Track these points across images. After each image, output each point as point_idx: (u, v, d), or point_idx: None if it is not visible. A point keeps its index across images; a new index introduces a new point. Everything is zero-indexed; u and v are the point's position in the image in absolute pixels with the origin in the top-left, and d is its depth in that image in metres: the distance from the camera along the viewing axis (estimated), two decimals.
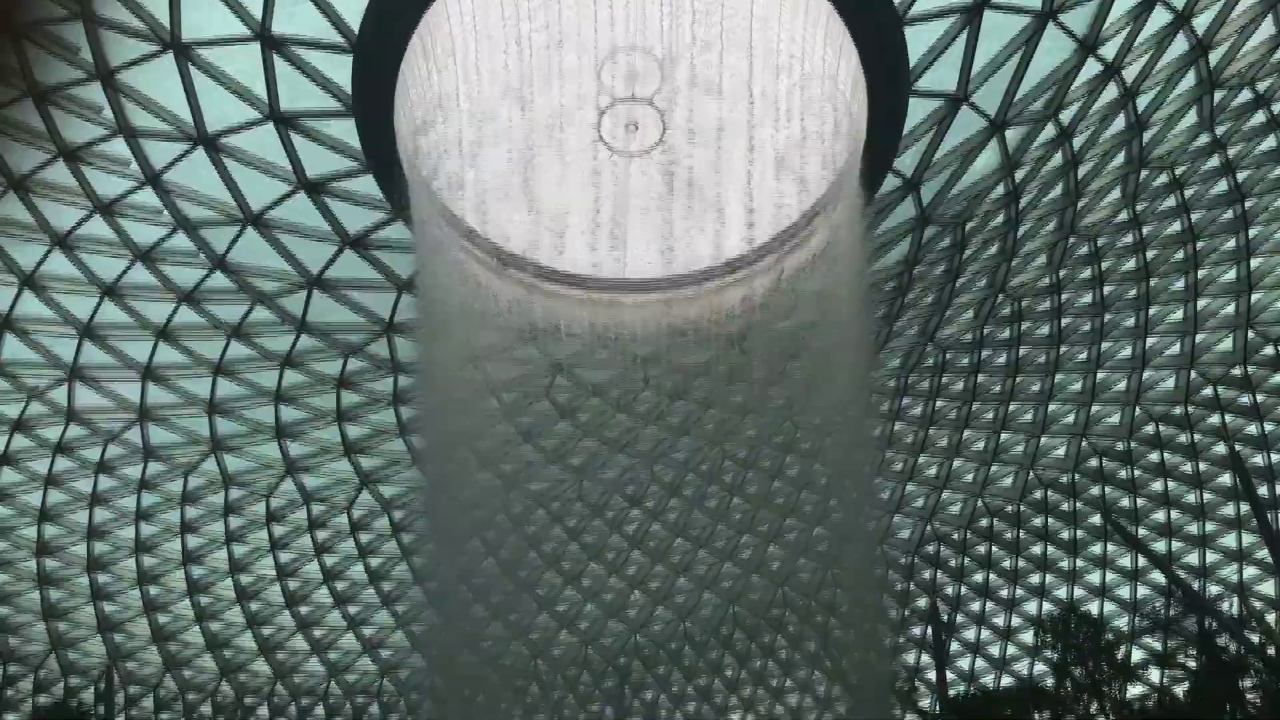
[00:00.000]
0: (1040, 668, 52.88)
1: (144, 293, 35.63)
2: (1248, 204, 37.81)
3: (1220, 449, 46.83)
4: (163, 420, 42.18)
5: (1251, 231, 39.08)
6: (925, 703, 57.84)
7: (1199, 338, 43.74)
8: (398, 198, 29.89)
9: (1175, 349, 44.41)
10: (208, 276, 35.06)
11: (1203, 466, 47.89)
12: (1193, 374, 45.16)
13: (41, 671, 54.38)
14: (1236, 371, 44.43)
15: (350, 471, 46.99)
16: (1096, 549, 52.06)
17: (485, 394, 42.33)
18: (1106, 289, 41.05)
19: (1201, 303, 42.21)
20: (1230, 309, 42.89)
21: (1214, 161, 36.03)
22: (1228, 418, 45.87)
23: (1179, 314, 42.93)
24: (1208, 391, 45.55)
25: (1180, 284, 41.33)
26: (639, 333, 34.46)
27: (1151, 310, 42.32)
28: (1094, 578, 52.61)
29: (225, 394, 41.16)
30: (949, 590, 56.69)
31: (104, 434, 42.42)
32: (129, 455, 43.82)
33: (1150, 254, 39.66)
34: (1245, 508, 46.74)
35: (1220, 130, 34.55)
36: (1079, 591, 52.80)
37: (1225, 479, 47.61)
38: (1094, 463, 49.51)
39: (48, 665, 54.21)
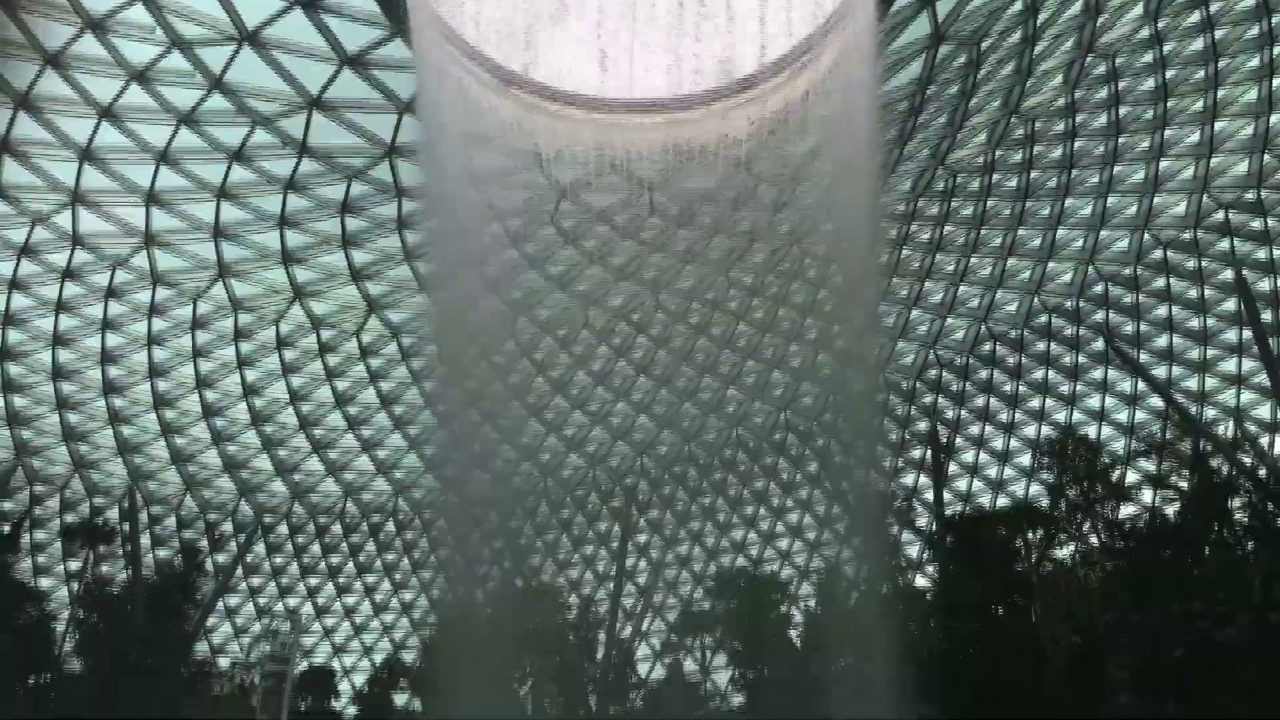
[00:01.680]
0: (1036, 489, 54.18)
1: (142, 115, 35.03)
2: (1275, 19, 36.50)
3: (1227, 274, 46.70)
4: (168, 245, 42.17)
5: (1277, 49, 37.83)
6: (922, 522, 59.66)
7: (1214, 161, 42.99)
8: (396, 13, 29.00)
9: (1189, 173, 43.74)
10: (206, 98, 34.40)
11: (1208, 292, 47.86)
12: (1205, 198, 44.61)
13: (66, 492, 56.20)
14: (1250, 195, 43.82)
15: (358, 297, 47.24)
16: (1097, 374, 52.66)
17: (490, 219, 42.12)
18: (1122, 110, 40.15)
19: (1219, 125, 41.28)
20: (1249, 130, 41.97)
21: None
22: (1237, 243, 45.55)
23: (1195, 136, 42.07)
24: (1219, 216, 45.10)
25: (1199, 105, 40.31)
26: (645, 156, 33.98)
27: (1167, 132, 41.47)
28: (1093, 402, 53.42)
29: (229, 219, 41.01)
30: (949, 414, 57.69)
31: (110, 259, 42.51)
32: (137, 280, 44.04)
33: (1170, 73, 38.59)
34: (1248, 334, 46.94)
35: None
36: (1077, 415, 53.72)
37: (1230, 304, 47.64)
38: (1099, 288, 49.55)
39: (72, 486, 55.96)
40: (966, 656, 40.24)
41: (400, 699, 62.09)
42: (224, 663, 61.41)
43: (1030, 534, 47.85)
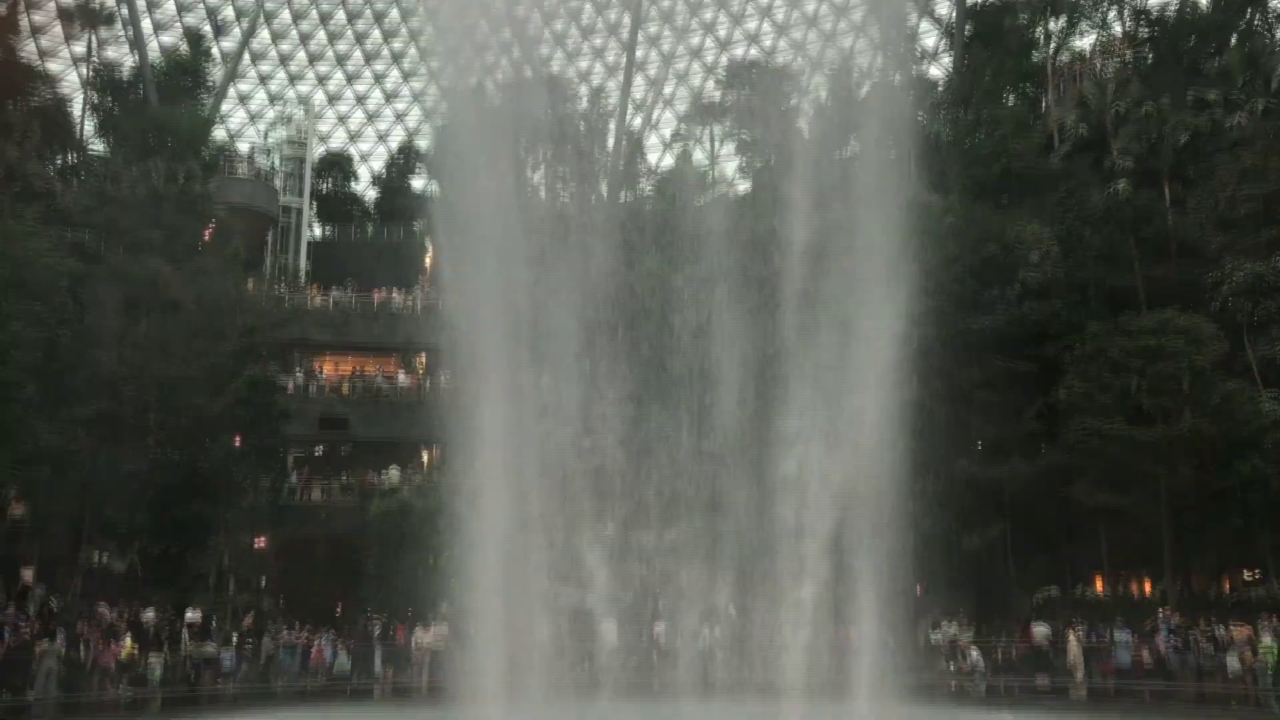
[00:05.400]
0: None
1: None
2: None
3: None
4: None
5: None
6: (942, 10, 57.61)
7: None
8: None
9: None
10: None
11: None
12: None
13: None
14: None
15: None
16: None
17: None
18: None
19: None
20: None
21: None
22: None
23: None
24: None
25: None
26: None
27: None
28: None
29: None
30: None
31: None
32: None
33: None
34: None
35: None
36: None
37: None
38: None
39: None
40: (971, 142, 40.55)
41: (418, 183, 64.00)
42: (242, 148, 62.44)
43: (1052, 22, 46.54)
